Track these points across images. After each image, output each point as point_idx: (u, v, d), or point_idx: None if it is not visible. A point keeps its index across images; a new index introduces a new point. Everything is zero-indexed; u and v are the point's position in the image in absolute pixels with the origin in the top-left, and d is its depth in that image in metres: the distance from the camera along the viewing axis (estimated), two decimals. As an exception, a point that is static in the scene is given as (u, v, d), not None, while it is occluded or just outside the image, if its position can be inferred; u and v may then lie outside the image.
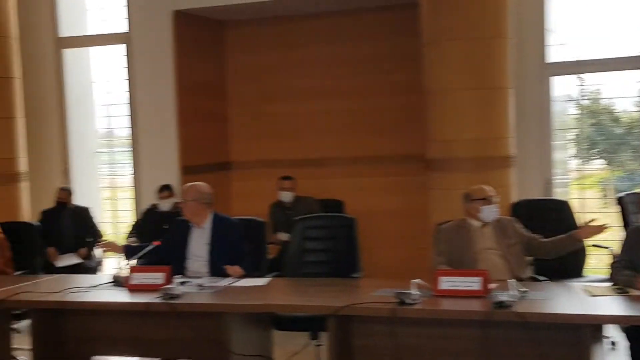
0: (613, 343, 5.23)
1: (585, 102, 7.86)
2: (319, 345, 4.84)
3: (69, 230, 7.25)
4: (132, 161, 8.01)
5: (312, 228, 5.33)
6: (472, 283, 4.01)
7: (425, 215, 6.26)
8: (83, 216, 7.36)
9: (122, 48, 7.93)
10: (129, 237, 7.20)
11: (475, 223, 4.76)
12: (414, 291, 3.93)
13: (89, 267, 7.08)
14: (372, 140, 7.89)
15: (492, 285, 4.00)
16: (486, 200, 4.73)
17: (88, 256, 7.15)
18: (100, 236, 7.43)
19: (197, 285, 4.56)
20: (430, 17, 6.16)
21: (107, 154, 8.70)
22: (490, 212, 4.72)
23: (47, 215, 7.26)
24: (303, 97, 8.11)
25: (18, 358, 5.62)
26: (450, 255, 4.68)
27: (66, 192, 7.39)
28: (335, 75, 7.99)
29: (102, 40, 8.27)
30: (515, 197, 6.20)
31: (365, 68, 7.88)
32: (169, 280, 4.51)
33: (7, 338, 5.15)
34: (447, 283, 4.05)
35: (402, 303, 3.87)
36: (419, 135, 6.68)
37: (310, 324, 4.71)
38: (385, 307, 3.86)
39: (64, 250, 7.12)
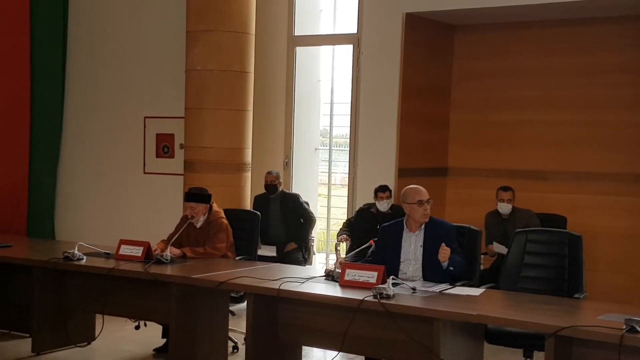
0: None
1: None
2: (533, 364, 4.64)
3: (277, 216, 7.38)
4: (349, 160, 8.11)
5: (533, 242, 5.09)
6: None
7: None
8: (292, 203, 7.42)
9: (349, 48, 8.07)
10: (339, 234, 7.27)
11: None
12: (646, 319, 3.62)
13: (299, 259, 7.23)
14: (601, 156, 7.44)
15: None
16: None
17: (287, 254, 7.18)
18: (313, 220, 7.48)
19: (410, 287, 4.51)
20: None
21: (325, 151, 8.88)
22: None
23: (258, 200, 7.48)
24: (529, 107, 7.80)
25: (232, 339, 5.89)
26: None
27: (274, 175, 7.44)
28: (566, 85, 7.62)
29: (331, 40, 8.46)
30: None
31: (601, 79, 7.44)
32: (382, 280, 4.49)
33: (225, 318, 5.42)
34: (683, 314, 3.72)
35: (633, 330, 3.59)
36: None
37: (525, 341, 4.51)
38: (614, 333, 3.60)
39: (270, 236, 7.27)
